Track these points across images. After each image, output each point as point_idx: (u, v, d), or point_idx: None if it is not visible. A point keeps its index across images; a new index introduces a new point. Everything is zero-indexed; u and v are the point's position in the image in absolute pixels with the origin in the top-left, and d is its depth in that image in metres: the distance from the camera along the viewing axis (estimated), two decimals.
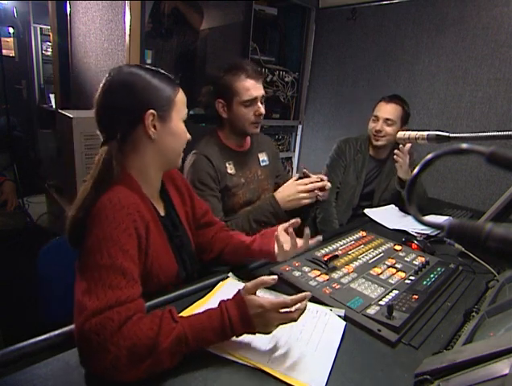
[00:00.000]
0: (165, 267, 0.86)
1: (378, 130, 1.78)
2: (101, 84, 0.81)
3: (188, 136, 0.90)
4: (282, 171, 1.70)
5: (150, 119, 0.80)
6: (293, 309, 0.70)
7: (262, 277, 0.72)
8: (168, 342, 0.62)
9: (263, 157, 1.55)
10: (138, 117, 0.80)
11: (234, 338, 0.69)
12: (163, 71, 0.87)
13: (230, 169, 1.40)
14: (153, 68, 0.86)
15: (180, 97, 0.87)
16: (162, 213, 0.91)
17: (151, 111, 0.80)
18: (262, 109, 1.35)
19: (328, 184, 1.26)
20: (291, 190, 1.25)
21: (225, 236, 1.08)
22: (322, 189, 1.25)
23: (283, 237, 0.94)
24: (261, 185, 1.52)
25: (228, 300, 0.71)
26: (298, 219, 0.95)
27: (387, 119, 1.76)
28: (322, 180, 1.25)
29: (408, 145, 1.57)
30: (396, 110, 1.77)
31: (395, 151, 1.61)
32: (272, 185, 1.58)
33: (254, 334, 0.70)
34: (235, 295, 0.71)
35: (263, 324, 0.69)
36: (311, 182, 1.24)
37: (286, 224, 0.96)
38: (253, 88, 1.31)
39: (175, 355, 0.63)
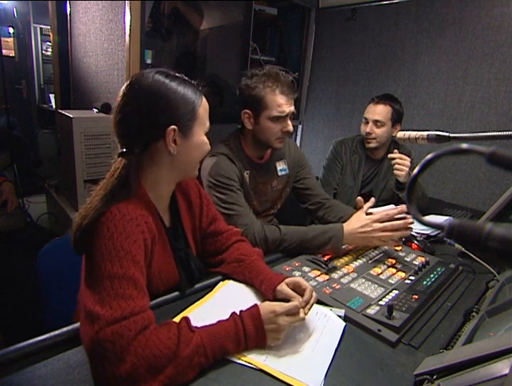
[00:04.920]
0: (165, 278, 0.85)
1: (368, 133, 1.77)
2: (122, 91, 0.77)
3: (208, 147, 0.88)
4: (308, 174, 1.56)
5: (171, 135, 0.77)
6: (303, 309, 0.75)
7: (295, 304, 0.74)
8: (188, 351, 0.61)
9: (281, 166, 1.49)
10: (159, 133, 0.77)
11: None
12: (187, 78, 0.83)
13: (246, 178, 1.38)
14: (178, 76, 0.81)
15: (203, 109, 0.84)
16: (167, 224, 0.90)
17: (173, 127, 0.77)
18: (291, 127, 1.30)
19: (410, 220, 1.11)
20: (366, 227, 1.12)
21: (237, 254, 1.00)
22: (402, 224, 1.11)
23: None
24: (274, 196, 1.50)
25: (241, 310, 0.74)
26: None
27: (376, 121, 1.75)
28: (405, 217, 1.11)
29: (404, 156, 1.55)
30: (385, 111, 1.74)
31: (391, 155, 1.58)
32: (288, 193, 1.56)
33: (265, 344, 0.71)
34: (251, 307, 0.74)
35: (274, 330, 0.71)
36: (390, 220, 1.11)
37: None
38: (285, 104, 1.25)
39: (195, 366, 0.62)
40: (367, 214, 1.18)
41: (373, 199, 1.21)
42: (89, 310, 0.62)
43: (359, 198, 1.26)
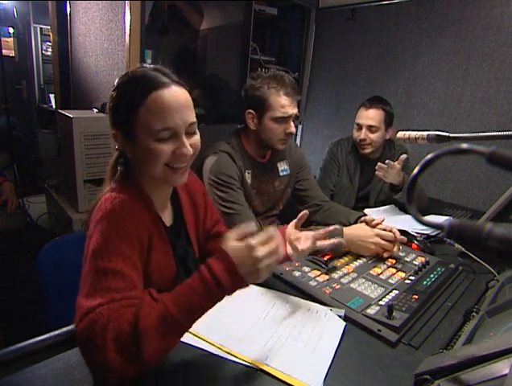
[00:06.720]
0: (165, 275, 0.85)
1: (363, 139, 1.74)
2: None
3: (161, 156, 0.74)
4: (308, 176, 1.58)
5: (117, 138, 0.77)
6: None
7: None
8: (150, 321, 0.57)
9: (283, 166, 1.50)
10: (113, 134, 0.78)
11: (233, 334, 0.70)
12: (149, 68, 0.76)
13: (248, 178, 1.38)
14: (137, 72, 0.76)
15: (145, 112, 0.71)
16: (168, 222, 0.90)
17: (115, 132, 0.76)
18: (293, 128, 1.32)
19: (398, 247, 1.17)
20: (368, 237, 1.15)
21: None
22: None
23: (295, 235, 0.92)
24: (276, 196, 1.50)
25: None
26: (306, 212, 0.94)
27: (370, 126, 1.72)
28: (399, 241, 1.17)
29: (392, 163, 1.54)
30: (377, 115, 1.71)
31: (377, 166, 1.58)
32: (289, 194, 1.56)
33: (246, 285, 0.62)
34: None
35: (250, 267, 0.61)
36: (392, 240, 1.15)
37: (294, 221, 0.95)
38: (288, 105, 1.28)
39: (166, 334, 0.58)
40: (367, 223, 1.21)
41: (383, 217, 1.23)
42: (77, 303, 0.63)
43: (368, 217, 1.27)
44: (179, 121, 0.73)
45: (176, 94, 0.74)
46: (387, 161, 1.55)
